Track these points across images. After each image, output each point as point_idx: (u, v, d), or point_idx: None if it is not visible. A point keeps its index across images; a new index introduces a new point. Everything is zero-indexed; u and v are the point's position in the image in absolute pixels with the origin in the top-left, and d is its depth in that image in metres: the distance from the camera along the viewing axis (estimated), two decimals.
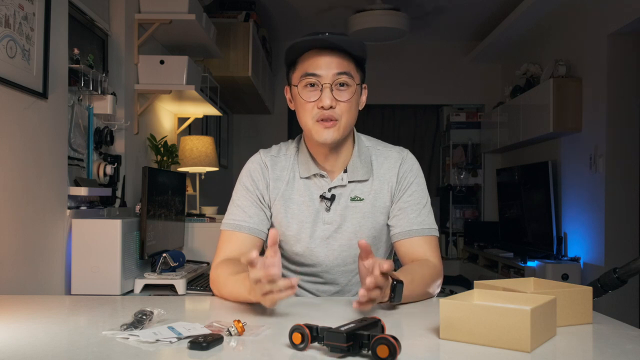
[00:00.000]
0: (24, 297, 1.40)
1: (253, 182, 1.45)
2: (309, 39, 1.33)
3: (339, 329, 0.86)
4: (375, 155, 1.47)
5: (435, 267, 1.38)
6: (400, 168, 1.45)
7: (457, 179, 6.17)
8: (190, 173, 3.50)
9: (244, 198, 1.44)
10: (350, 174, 1.42)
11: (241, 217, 1.42)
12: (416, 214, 1.42)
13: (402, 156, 1.47)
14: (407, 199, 1.43)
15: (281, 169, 1.46)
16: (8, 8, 1.67)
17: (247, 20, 4.14)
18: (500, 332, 0.89)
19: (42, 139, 1.88)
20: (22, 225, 1.76)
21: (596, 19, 3.94)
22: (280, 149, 1.50)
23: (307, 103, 1.34)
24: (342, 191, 1.42)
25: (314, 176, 1.43)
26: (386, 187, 1.44)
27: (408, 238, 1.41)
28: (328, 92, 1.32)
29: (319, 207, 1.43)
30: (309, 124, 1.35)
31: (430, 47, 6.05)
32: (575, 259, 4.17)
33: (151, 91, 2.89)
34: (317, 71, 1.32)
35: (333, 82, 1.32)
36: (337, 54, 1.33)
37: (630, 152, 3.82)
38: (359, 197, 1.43)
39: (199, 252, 2.81)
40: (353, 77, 1.34)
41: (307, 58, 1.34)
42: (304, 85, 1.34)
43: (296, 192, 1.44)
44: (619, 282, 1.19)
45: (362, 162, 1.43)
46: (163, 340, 0.93)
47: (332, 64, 1.32)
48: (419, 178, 1.46)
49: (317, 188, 1.43)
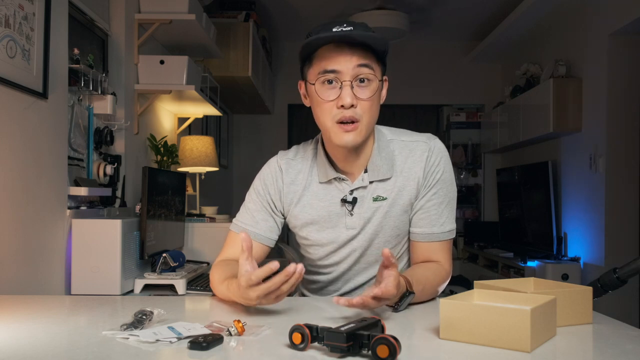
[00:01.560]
0: (24, 297, 1.40)
1: (265, 187, 1.42)
2: (328, 36, 1.21)
3: (339, 329, 0.86)
4: (400, 148, 1.37)
5: (447, 272, 1.37)
6: (428, 161, 1.34)
7: (457, 179, 6.17)
8: (190, 173, 3.50)
9: (254, 202, 1.42)
10: (371, 174, 1.34)
11: (249, 222, 1.41)
12: (438, 214, 1.35)
13: (429, 147, 1.35)
14: (431, 197, 1.35)
15: (297, 172, 1.40)
16: (8, 8, 1.67)
17: (247, 20, 4.14)
18: (500, 332, 0.89)
19: (42, 139, 1.88)
20: (22, 225, 1.76)
21: (596, 19, 3.94)
22: (297, 151, 1.44)
23: (325, 102, 1.25)
24: (364, 193, 1.35)
25: (333, 180, 1.36)
26: (412, 184, 1.35)
27: (426, 242, 1.37)
28: (348, 90, 1.22)
29: (341, 212, 1.36)
30: (328, 125, 1.27)
31: (430, 47, 6.04)
32: (575, 259, 4.17)
33: (151, 91, 2.89)
34: (336, 67, 1.22)
35: (353, 78, 1.23)
36: (358, 48, 1.23)
37: (630, 152, 3.82)
38: (381, 196, 1.35)
39: (199, 252, 2.81)
40: (374, 71, 1.25)
41: (325, 53, 1.24)
42: (321, 82, 1.25)
43: (315, 197, 1.38)
44: (619, 282, 1.18)
45: (383, 160, 1.34)
46: (163, 340, 0.93)
47: (353, 58, 1.22)
48: (446, 173, 1.36)
49: (338, 192, 1.36)
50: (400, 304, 1.17)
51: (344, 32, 1.21)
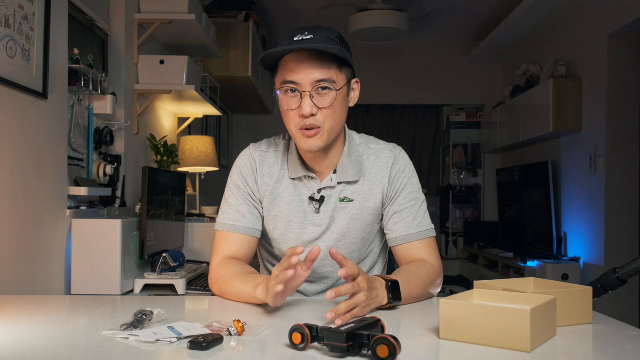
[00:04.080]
0: (24, 297, 1.40)
1: (243, 179, 1.43)
2: (284, 49, 1.24)
3: (339, 329, 0.86)
4: (367, 154, 1.43)
5: (433, 267, 1.38)
6: (393, 168, 1.41)
7: (457, 179, 6.17)
8: (190, 173, 3.50)
9: (235, 197, 1.43)
10: (339, 175, 1.39)
11: (235, 217, 1.42)
12: (412, 217, 1.41)
13: (394, 155, 1.43)
14: (402, 202, 1.41)
15: (270, 166, 1.43)
16: (8, 8, 1.67)
17: (247, 20, 4.14)
18: (500, 332, 0.89)
19: (42, 139, 1.88)
20: (22, 225, 1.76)
21: (596, 19, 3.94)
22: (270, 144, 1.47)
23: (289, 111, 1.30)
24: (331, 192, 1.40)
25: (303, 177, 1.40)
26: (378, 188, 1.41)
27: (406, 243, 1.40)
28: (308, 100, 1.26)
29: (308, 209, 1.41)
30: (293, 131, 1.32)
31: (430, 47, 6.04)
32: (575, 259, 4.17)
33: (151, 91, 2.89)
34: (295, 78, 1.26)
35: (312, 88, 1.26)
36: (317, 57, 1.25)
37: (630, 152, 3.82)
38: (348, 197, 1.40)
39: (199, 252, 2.81)
40: (335, 81, 1.28)
41: (286, 63, 1.28)
42: (284, 91, 1.29)
43: (285, 191, 1.41)
44: (619, 282, 1.18)
45: (353, 163, 1.40)
46: (163, 340, 0.93)
47: (311, 71, 1.25)
48: (412, 178, 1.44)
49: (307, 189, 1.41)
50: (391, 295, 1.18)
51: (304, 40, 1.25)
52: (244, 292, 1.25)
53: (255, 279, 1.25)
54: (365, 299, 1.10)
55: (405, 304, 1.24)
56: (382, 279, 1.20)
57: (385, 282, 1.19)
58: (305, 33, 1.26)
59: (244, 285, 1.25)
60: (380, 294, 1.17)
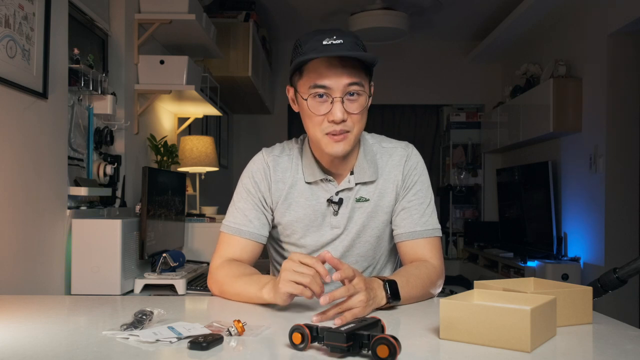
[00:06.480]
0: (24, 297, 1.40)
1: (255, 184, 1.42)
2: (325, 54, 1.23)
3: (339, 329, 0.86)
4: (380, 153, 1.43)
5: (435, 268, 1.37)
6: (405, 165, 1.42)
7: (457, 179, 6.17)
8: (190, 173, 3.50)
9: (245, 201, 1.42)
10: (357, 176, 1.39)
11: (242, 221, 1.40)
12: (420, 214, 1.40)
13: (407, 153, 1.43)
14: (411, 199, 1.41)
15: (283, 171, 1.42)
16: (8, 8, 1.67)
17: (247, 20, 4.14)
18: (500, 332, 0.89)
19: (42, 139, 1.88)
20: (22, 225, 1.76)
21: (596, 19, 3.94)
22: (283, 148, 1.46)
23: (316, 116, 1.28)
24: (349, 193, 1.39)
25: (320, 180, 1.39)
26: (391, 186, 1.41)
27: (411, 240, 1.40)
28: (339, 106, 1.25)
29: (326, 211, 1.40)
30: (318, 136, 1.30)
31: (430, 47, 6.04)
32: (575, 259, 4.17)
33: (151, 91, 2.89)
34: (327, 83, 1.25)
35: (344, 94, 1.26)
36: (349, 62, 1.25)
37: (630, 152, 3.82)
38: (364, 197, 1.40)
39: (199, 252, 2.81)
40: (364, 86, 1.28)
41: (316, 67, 1.26)
42: (312, 96, 1.27)
43: (301, 196, 1.40)
44: (619, 282, 1.18)
45: (369, 163, 1.40)
46: (163, 340, 0.93)
47: (343, 75, 1.25)
48: (423, 176, 1.44)
49: (324, 192, 1.39)
50: (390, 295, 1.17)
51: (334, 45, 1.23)
52: (248, 292, 1.24)
53: (259, 280, 1.25)
54: (365, 299, 1.10)
55: (404, 304, 1.24)
56: (379, 280, 1.20)
57: (383, 282, 1.19)
58: (333, 37, 1.25)
59: (249, 285, 1.25)
60: (379, 294, 1.17)
